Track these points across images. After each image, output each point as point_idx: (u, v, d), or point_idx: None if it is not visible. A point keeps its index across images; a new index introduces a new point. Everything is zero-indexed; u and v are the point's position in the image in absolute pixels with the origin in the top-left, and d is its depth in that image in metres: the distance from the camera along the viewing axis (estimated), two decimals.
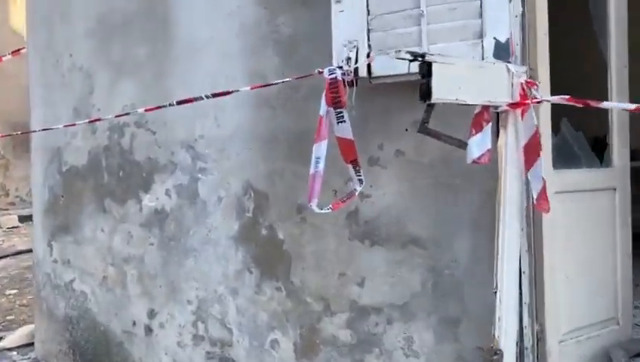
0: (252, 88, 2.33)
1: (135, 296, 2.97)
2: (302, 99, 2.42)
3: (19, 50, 4.44)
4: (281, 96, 2.46)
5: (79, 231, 3.22)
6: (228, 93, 2.35)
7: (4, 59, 4.41)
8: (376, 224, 2.25)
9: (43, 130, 3.21)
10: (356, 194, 2.07)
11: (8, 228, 9.38)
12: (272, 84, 2.26)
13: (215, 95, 2.38)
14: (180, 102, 2.50)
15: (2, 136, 3.50)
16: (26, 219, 9.79)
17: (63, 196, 3.32)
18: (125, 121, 2.94)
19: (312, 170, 2.03)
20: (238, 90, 2.35)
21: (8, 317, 4.56)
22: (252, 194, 2.56)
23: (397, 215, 2.21)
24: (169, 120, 2.79)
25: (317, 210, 1.99)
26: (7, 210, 10.63)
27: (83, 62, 3.15)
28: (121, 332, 3.05)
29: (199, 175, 2.71)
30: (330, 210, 2.02)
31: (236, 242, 2.61)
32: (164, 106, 2.56)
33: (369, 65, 2.08)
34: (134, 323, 2.98)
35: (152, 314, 2.90)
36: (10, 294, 5.23)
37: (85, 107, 3.15)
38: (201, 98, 2.41)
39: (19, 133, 3.12)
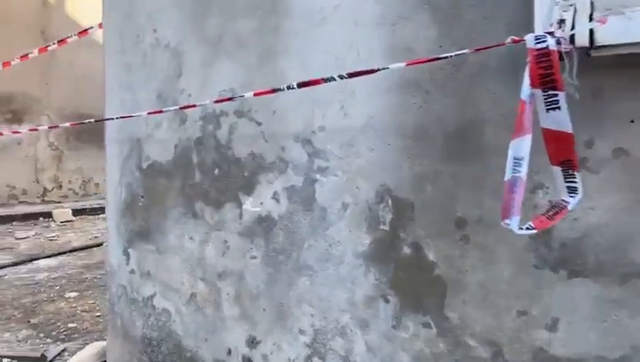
0: (408, 64, 1.77)
1: (231, 318, 2.47)
2: (466, 80, 1.86)
3: (86, 30, 4.02)
4: (437, 77, 1.90)
5: (162, 239, 2.74)
6: (371, 71, 1.81)
7: (69, 40, 3.99)
8: (579, 248, 1.68)
9: (121, 117, 2.73)
10: (569, 208, 1.51)
11: (62, 222, 9.12)
12: (439, 58, 1.70)
13: (352, 75, 1.85)
14: (301, 85, 1.99)
15: (72, 125, 3.06)
16: (79, 212, 9.59)
17: (142, 196, 2.85)
18: (223, 110, 2.44)
19: (507, 176, 1.47)
20: (386, 68, 1.81)
21: (70, 325, 4.15)
22: (390, 202, 2.02)
23: (614, 237, 1.63)
24: (279, 108, 2.27)
25: (516, 231, 1.45)
26: (59, 202, 10.43)
27: (170, 39, 2.66)
28: (212, 361, 2.55)
29: (318, 176, 2.18)
30: (532, 231, 1.47)
31: (367, 261, 2.08)
32: (278, 90, 2.04)
33: (591, 31, 1.52)
34: (229, 352, 2.48)
35: (252, 342, 2.40)
36: (70, 297, 4.83)
37: (172, 92, 2.66)
38: (333, 79, 1.89)
39: (91, 121, 2.66)
